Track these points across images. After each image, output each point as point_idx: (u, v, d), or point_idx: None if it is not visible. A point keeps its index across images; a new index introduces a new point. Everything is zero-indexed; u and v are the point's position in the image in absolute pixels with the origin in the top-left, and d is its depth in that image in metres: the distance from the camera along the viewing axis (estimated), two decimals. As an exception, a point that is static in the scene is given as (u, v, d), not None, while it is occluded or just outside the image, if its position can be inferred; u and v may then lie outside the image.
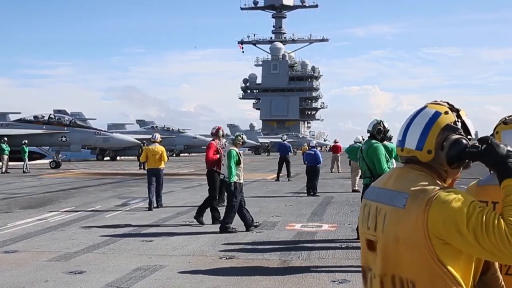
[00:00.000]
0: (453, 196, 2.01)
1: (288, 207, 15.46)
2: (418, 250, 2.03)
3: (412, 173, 2.17)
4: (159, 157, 15.19)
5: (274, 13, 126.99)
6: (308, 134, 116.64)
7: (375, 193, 2.27)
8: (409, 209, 2.06)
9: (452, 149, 2.12)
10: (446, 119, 2.16)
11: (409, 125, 2.22)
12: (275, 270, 7.91)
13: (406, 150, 2.21)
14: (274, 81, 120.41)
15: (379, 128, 8.83)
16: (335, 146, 34.11)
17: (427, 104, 2.26)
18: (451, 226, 1.97)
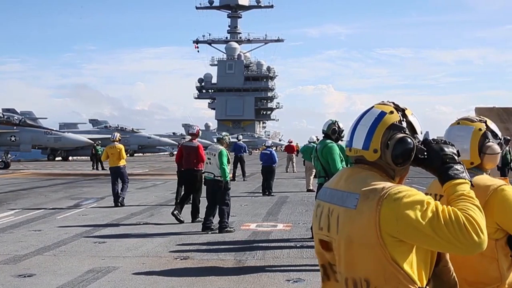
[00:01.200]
0: (403, 193, 2.03)
1: (244, 207, 15.46)
2: (371, 249, 2.05)
3: (361, 173, 2.21)
4: (118, 156, 15.77)
5: (230, 13, 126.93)
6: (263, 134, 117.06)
7: (327, 193, 2.29)
8: (361, 209, 2.08)
9: (396, 148, 2.16)
10: (391, 119, 2.21)
11: (356, 126, 2.27)
12: (230, 270, 7.89)
13: (353, 150, 2.26)
14: (229, 81, 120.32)
15: (334, 128, 8.92)
16: (290, 146, 34.35)
17: (374, 105, 2.32)
18: (405, 222, 2.00)
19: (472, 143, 2.90)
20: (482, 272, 2.70)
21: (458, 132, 2.94)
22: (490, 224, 2.67)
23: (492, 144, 2.91)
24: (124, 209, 14.79)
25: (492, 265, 2.70)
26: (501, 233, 2.72)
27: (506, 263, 2.72)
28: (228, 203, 11.44)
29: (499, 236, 2.72)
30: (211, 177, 11.36)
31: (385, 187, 2.08)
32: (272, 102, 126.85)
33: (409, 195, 2.03)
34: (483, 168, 2.92)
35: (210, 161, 11.42)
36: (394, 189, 2.06)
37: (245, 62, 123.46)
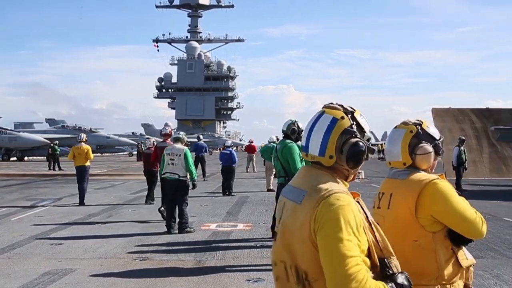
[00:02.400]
0: (340, 203, 2.17)
1: (204, 207, 15.41)
2: (306, 242, 2.21)
3: (313, 171, 2.37)
4: (85, 155, 16.30)
5: (190, 12, 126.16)
6: (224, 134, 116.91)
7: (287, 189, 2.46)
8: (304, 205, 2.26)
9: (350, 153, 2.32)
10: (343, 125, 2.35)
11: (310, 132, 2.39)
12: (190, 271, 7.85)
13: (310, 156, 2.39)
14: (189, 80, 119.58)
15: (293, 128, 8.96)
16: (250, 146, 34.40)
17: (325, 109, 2.43)
18: (325, 230, 2.15)
19: (402, 144, 3.05)
20: (420, 263, 2.83)
21: (393, 135, 3.12)
22: (425, 217, 2.84)
23: (423, 145, 3.02)
24: (82, 210, 14.55)
25: (430, 257, 2.84)
26: (438, 225, 2.87)
27: (446, 255, 2.86)
28: (188, 203, 11.45)
29: (437, 228, 2.87)
30: (176, 177, 11.29)
31: (329, 189, 2.23)
32: (233, 102, 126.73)
33: (343, 208, 2.16)
34: (418, 168, 3.04)
35: (173, 161, 11.33)
36: (336, 195, 2.20)
37: (205, 61, 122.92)
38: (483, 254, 8.86)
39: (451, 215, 2.84)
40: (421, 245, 2.85)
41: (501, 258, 8.65)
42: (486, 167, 28.32)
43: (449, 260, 2.86)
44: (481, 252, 8.96)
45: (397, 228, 2.85)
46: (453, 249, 2.89)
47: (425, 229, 2.86)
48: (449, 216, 2.85)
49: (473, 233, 2.88)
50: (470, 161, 24.49)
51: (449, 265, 2.86)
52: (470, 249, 3.06)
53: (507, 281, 7.24)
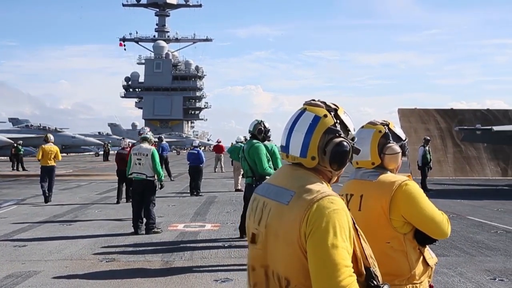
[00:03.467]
0: (335, 206, 2.04)
1: (171, 207, 15.31)
2: (293, 246, 2.06)
3: (300, 171, 2.21)
4: (53, 156, 16.77)
5: (157, 11, 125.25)
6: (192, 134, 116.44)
7: (265, 188, 2.29)
8: (292, 206, 2.09)
9: (334, 154, 2.17)
10: (326, 123, 2.20)
11: (291, 132, 2.23)
12: (157, 271, 7.79)
13: (291, 157, 2.24)
14: (157, 80, 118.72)
15: (260, 128, 8.97)
16: (218, 146, 34.31)
17: (306, 106, 2.28)
18: (317, 235, 2.01)
19: (372, 144, 3.06)
20: (393, 265, 2.86)
21: (361, 135, 3.09)
22: (398, 218, 2.88)
23: (391, 145, 3.05)
24: (47, 211, 14.30)
25: (402, 258, 2.88)
26: (408, 227, 2.92)
27: (415, 255, 2.91)
28: (155, 204, 11.39)
29: (407, 230, 2.92)
30: (143, 177, 11.21)
31: (321, 191, 2.09)
32: (201, 101, 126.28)
33: (338, 212, 2.03)
34: (386, 168, 3.07)
35: (140, 161, 11.24)
36: (330, 198, 2.07)
37: (173, 61, 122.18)
38: (447, 252, 9.01)
39: (421, 216, 2.88)
40: (394, 247, 2.88)
41: (464, 256, 8.81)
42: (451, 167, 28.84)
43: (418, 260, 2.91)
44: (446, 250, 9.12)
45: (369, 230, 2.80)
46: (420, 249, 2.94)
47: (397, 230, 2.89)
48: (419, 217, 2.89)
49: (440, 233, 2.93)
50: (435, 160, 24.94)
51: (419, 265, 2.91)
52: (435, 248, 3.12)
53: (470, 278, 7.37)
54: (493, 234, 10.86)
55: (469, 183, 25.40)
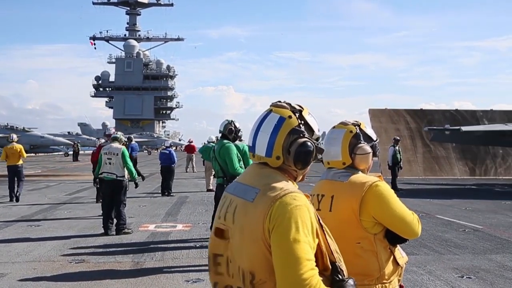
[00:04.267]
0: (296, 203, 2.10)
1: (142, 207, 15.18)
2: (257, 242, 2.10)
3: (265, 170, 2.27)
4: (18, 155, 16.92)
5: (128, 9, 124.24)
6: (163, 134, 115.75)
7: (234, 187, 2.35)
8: (256, 203, 2.15)
9: (298, 154, 2.23)
10: (290, 124, 2.26)
11: (257, 132, 2.30)
12: (127, 273, 7.71)
13: (257, 156, 2.30)
14: (128, 79, 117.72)
15: (230, 128, 8.94)
16: (190, 146, 34.16)
17: (272, 107, 2.33)
18: (280, 230, 2.06)
19: (343, 144, 3.08)
20: (363, 265, 2.89)
21: (332, 135, 3.14)
22: (368, 219, 2.90)
23: (362, 145, 3.08)
24: (14, 212, 14.04)
25: (372, 258, 2.91)
26: (379, 227, 2.94)
27: (385, 255, 2.93)
28: (125, 204, 11.29)
29: (377, 230, 2.94)
30: (113, 177, 11.10)
31: (284, 188, 2.15)
32: (172, 101, 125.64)
33: (300, 208, 2.08)
34: (357, 168, 3.09)
35: (110, 161, 11.14)
36: (293, 195, 2.12)
37: (144, 60, 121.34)
38: (416, 251, 9.12)
39: (392, 216, 2.90)
40: (364, 247, 2.90)
41: (433, 255, 8.93)
42: (420, 167, 29.24)
43: (388, 260, 2.94)
44: (415, 249, 9.23)
45: (340, 231, 2.83)
46: (390, 248, 2.96)
47: (367, 231, 2.91)
48: (389, 218, 2.91)
49: (410, 233, 2.96)
50: (405, 160, 25.24)
51: (389, 264, 2.93)
52: (404, 246, 3.14)
53: (439, 276, 7.48)
54: (461, 233, 11.03)
55: (438, 182, 25.79)
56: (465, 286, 7.00)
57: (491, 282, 7.21)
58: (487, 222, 12.52)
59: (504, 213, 14.23)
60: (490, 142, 26.39)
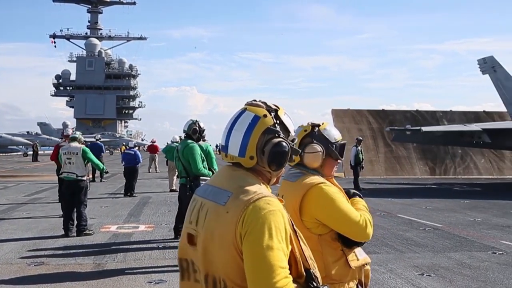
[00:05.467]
0: (270, 208, 2.02)
1: (104, 208, 14.98)
2: (228, 248, 2.03)
3: (238, 172, 2.19)
4: None
5: (90, 7, 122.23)
6: (125, 134, 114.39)
7: (204, 189, 2.27)
8: (229, 207, 2.07)
9: (272, 154, 2.16)
10: (265, 123, 2.18)
11: (230, 131, 2.21)
12: (89, 274, 7.58)
13: (230, 156, 2.21)
14: (89, 78, 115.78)
15: (195, 128, 8.90)
16: (153, 146, 33.89)
17: (247, 106, 2.26)
18: (253, 236, 1.98)
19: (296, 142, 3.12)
20: None
21: None
22: (309, 220, 2.94)
23: (312, 144, 3.13)
24: (-29, 214, 13.67)
25: (316, 259, 2.90)
26: (324, 228, 2.97)
27: (333, 257, 2.95)
28: (87, 205, 11.14)
29: (322, 231, 2.96)
30: (73, 177, 10.92)
31: (258, 192, 2.08)
32: (135, 101, 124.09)
33: (274, 214, 2.01)
34: (309, 168, 3.13)
35: (70, 160, 10.96)
36: (266, 199, 2.05)
37: (106, 59, 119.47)
38: (378, 249, 9.24)
39: (335, 218, 2.92)
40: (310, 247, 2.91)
41: (395, 253, 9.06)
42: (382, 166, 29.68)
43: (338, 261, 2.94)
44: (377, 247, 9.35)
45: None
46: (343, 250, 2.97)
47: (310, 231, 2.93)
48: (332, 219, 2.92)
49: (357, 235, 2.96)
50: (367, 160, 25.59)
51: (337, 266, 2.93)
52: (365, 245, 3.16)
53: (400, 274, 7.59)
54: (422, 231, 11.23)
55: (400, 182, 26.20)
56: (425, 283, 7.12)
57: (450, 279, 7.35)
58: (447, 221, 12.78)
59: (462, 212, 14.54)
60: (450, 142, 26.96)
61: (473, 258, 8.71)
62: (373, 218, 3.16)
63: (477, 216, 13.77)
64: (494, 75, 28.84)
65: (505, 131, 23.16)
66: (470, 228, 11.75)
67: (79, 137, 11.57)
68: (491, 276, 7.56)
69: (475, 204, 16.41)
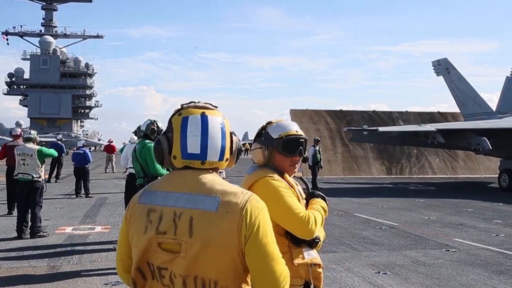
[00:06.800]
0: (261, 204, 2.16)
1: (59, 209, 14.68)
2: (229, 250, 2.07)
3: (208, 175, 2.20)
4: None
5: (44, 4, 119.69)
6: (81, 134, 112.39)
7: (164, 197, 2.20)
8: (222, 212, 2.08)
9: (238, 153, 2.33)
10: (228, 125, 2.29)
11: (205, 138, 2.19)
12: (43, 277, 7.42)
13: (208, 162, 2.21)
14: (44, 76, 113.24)
15: (153, 128, 8.80)
16: (109, 146, 33.45)
17: (203, 110, 2.24)
18: (260, 234, 2.10)
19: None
20: None
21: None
22: None
23: (255, 142, 3.26)
24: None
25: None
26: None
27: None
28: (42, 206, 10.93)
29: None
30: (28, 178, 10.69)
31: (241, 191, 2.16)
32: (91, 100, 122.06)
33: (264, 209, 2.17)
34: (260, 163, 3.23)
35: (25, 162, 10.70)
36: (255, 197, 2.17)
37: (61, 57, 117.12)
38: (335, 248, 9.34)
39: (276, 210, 2.90)
40: None
41: (352, 252, 9.17)
42: (340, 166, 30.03)
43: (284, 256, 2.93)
44: (334, 246, 9.44)
45: None
46: (290, 246, 2.98)
47: None
48: (273, 211, 2.84)
49: (298, 230, 2.97)
50: (325, 160, 25.83)
51: None
52: (324, 244, 3.16)
53: (357, 273, 7.69)
54: (378, 230, 11.41)
55: (357, 181, 26.57)
56: (382, 281, 7.23)
57: (405, 277, 7.49)
58: (402, 220, 13.02)
59: (417, 211, 14.84)
60: (405, 142, 27.48)
61: (427, 255, 8.89)
62: (331, 217, 3.18)
63: (431, 214, 14.08)
64: (448, 76, 29.55)
65: (458, 131, 23.73)
66: (425, 227, 12.00)
67: (35, 137, 11.29)
68: (444, 273, 7.73)
69: (429, 203, 16.78)
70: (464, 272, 7.81)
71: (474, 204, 16.43)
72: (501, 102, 28.22)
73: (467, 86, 28.71)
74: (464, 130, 23.48)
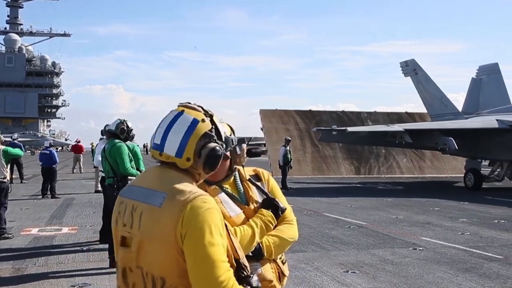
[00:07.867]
0: (207, 206, 2.10)
1: (24, 210, 14.43)
2: (169, 247, 2.08)
3: (171, 173, 2.23)
4: None
5: (9, 1, 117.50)
6: (48, 133, 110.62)
7: (132, 191, 2.29)
8: (165, 208, 2.11)
9: (208, 158, 2.25)
10: (204, 127, 2.26)
11: (168, 131, 2.25)
12: (7, 280, 7.27)
13: (165, 155, 2.24)
14: (9, 75, 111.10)
15: (123, 127, 8.71)
16: (77, 146, 32.98)
17: (183, 108, 2.30)
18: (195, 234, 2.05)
19: None
20: None
21: None
22: None
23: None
24: None
25: None
26: None
27: None
28: (7, 207, 10.74)
29: None
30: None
31: (193, 191, 2.14)
32: (58, 99, 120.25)
33: (211, 211, 2.10)
34: None
35: None
36: (203, 198, 2.11)
37: (27, 56, 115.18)
38: (304, 248, 9.38)
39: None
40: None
41: (321, 251, 9.22)
42: (309, 166, 30.18)
43: None
44: (303, 246, 9.48)
45: None
46: None
47: None
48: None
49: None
50: (295, 160, 25.93)
51: None
52: (293, 244, 3.10)
53: (326, 272, 7.73)
54: (347, 229, 11.49)
55: (326, 181, 26.75)
56: (350, 280, 7.29)
57: (373, 275, 7.56)
58: (370, 219, 13.15)
59: (385, 210, 15.01)
60: (374, 142, 27.76)
61: (395, 254, 9.00)
62: (300, 217, 3.16)
63: (399, 213, 14.25)
64: (416, 77, 29.96)
65: (425, 131, 24.08)
66: (393, 226, 12.14)
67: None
68: (412, 271, 7.83)
69: (397, 202, 16.98)
70: (431, 270, 7.92)
71: (440, 203, 16.70)
72: (467, 103, 28.73)
73: (434, 87, 29.14)
74: (431, 130, 23.84)
